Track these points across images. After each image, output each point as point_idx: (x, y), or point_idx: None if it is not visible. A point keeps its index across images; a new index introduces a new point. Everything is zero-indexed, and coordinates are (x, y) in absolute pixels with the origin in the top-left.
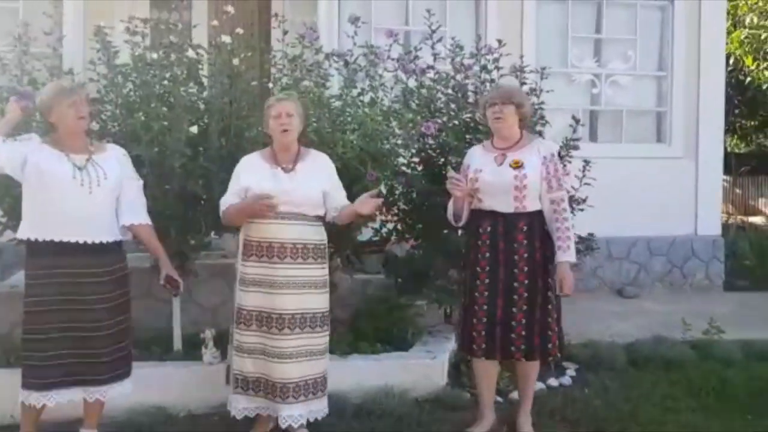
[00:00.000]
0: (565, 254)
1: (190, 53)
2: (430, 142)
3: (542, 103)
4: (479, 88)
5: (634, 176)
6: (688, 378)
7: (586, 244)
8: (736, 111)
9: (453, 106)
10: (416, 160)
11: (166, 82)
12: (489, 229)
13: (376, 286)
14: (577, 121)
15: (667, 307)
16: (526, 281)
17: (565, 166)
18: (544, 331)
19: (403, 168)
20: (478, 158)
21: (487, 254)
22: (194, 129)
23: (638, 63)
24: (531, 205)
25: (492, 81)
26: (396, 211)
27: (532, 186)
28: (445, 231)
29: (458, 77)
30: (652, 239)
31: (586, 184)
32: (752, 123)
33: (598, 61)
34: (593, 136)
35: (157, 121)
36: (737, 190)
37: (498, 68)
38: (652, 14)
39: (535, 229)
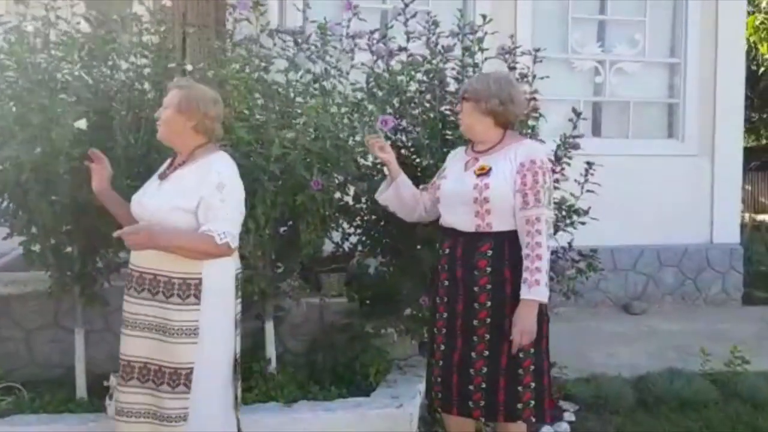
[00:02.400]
0: (530, 291)
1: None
2: (403, 138)
3: (535, 92)
4: (462, 74)
5: (642, 176)
6: (709, 424)
7: (587, 262)
8: (746, 103)
9: (429, 96)
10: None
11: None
12: (447, 251)
13: (337, 312)
14: (578, 114)
15: (680, 326)
16: (488, 320)
17: (563, 169)
18: (512, 385)
19: (368, 171)
20: (452, 162)
21: (446, 282)
22: (82, 123)
23: (647, 48)
24: (498, 224)
25: (476, 66)
26: (359, 221)
27: (497, 199)
28: (418, 247)
29: (435, 61)
30: (662, 248)
31: (588, 191)
32: (764, 116)
33: (602, 46)
34: (596, 131)
35: (40, 114)
36: (747, 187)
37: (482, 50)
38: None
39: (503, 255)
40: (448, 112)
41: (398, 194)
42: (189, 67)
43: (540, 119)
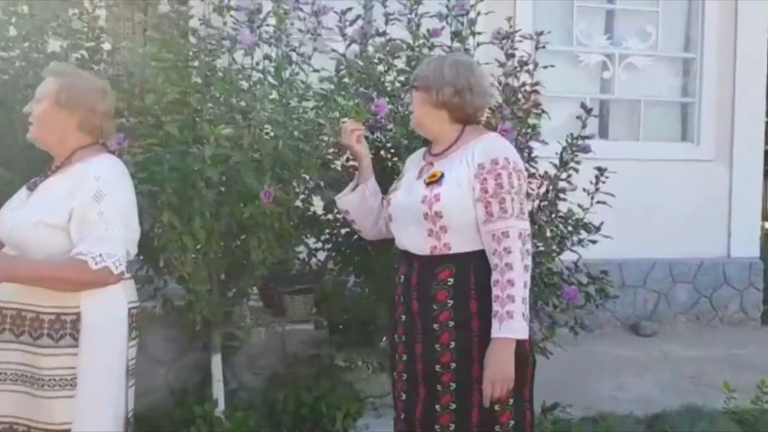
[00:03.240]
0: (502, 327)
1: None
2: (381, 137)
3: (537, 84)
4: None
5: (653, 183)
6: None
7: (597, 286)
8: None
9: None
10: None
11: None
12: (402, 278)
13: (302, 341)
14: (588, 111)
15: (695, 351)
16: (453, 364)
17: (569, 176)
18: None
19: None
20: (408, 169)
21: (403, 317)
22: None
23: (660, 41)
24: (459, 244)
25: (467, 50)
26: (329, 235)
27: (452, 213)
28: (396, 266)
29: (417, 44)
30: (675, 262)
31: (600, 202)
32: None
33: (611, 39)
34: (603, 132)
35: None
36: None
37: (475, 34)
38: None
39: (467, 283)
40: None
41: (363, 201)
42: (107, 46)
43: (542, 117)
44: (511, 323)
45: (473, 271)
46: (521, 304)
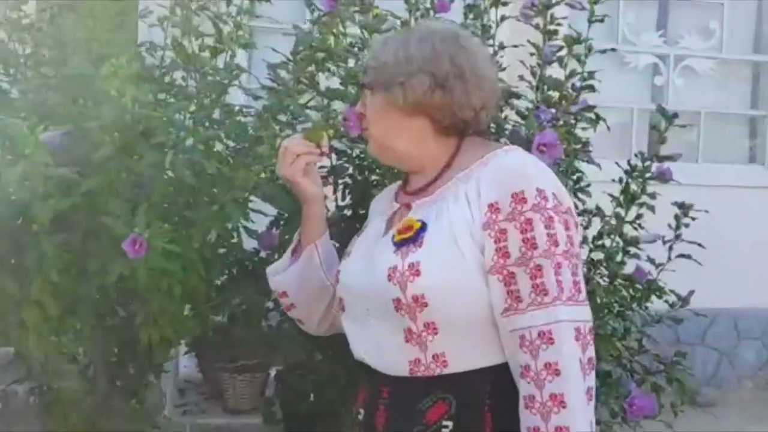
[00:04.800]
0: None
1: None
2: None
3: (590, 77)
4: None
5: (714, 215)
6: None
7: (675, 378)
8: None
9: None
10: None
11: None
12: (360, 414)
13: None
14: (671, 117)
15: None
16: None
17: (639, 217)
18: None
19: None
20: (371, 217)
21: None
22: None
23: (725, 41)
24: (463, 356)
25: (486, 31)
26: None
27: (442, 298)
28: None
29: (412, 18)
30: (741, 313)
31: (682, 256)
32: None
33: (664, 36)
34: (653, 151)
35: None
36: None
37: (499, 3)
38: None
39: (477, 428)
40: None
41: (310, 275)
42: None
43: (598, 124)
44: None
45: (490, 407)
46: None
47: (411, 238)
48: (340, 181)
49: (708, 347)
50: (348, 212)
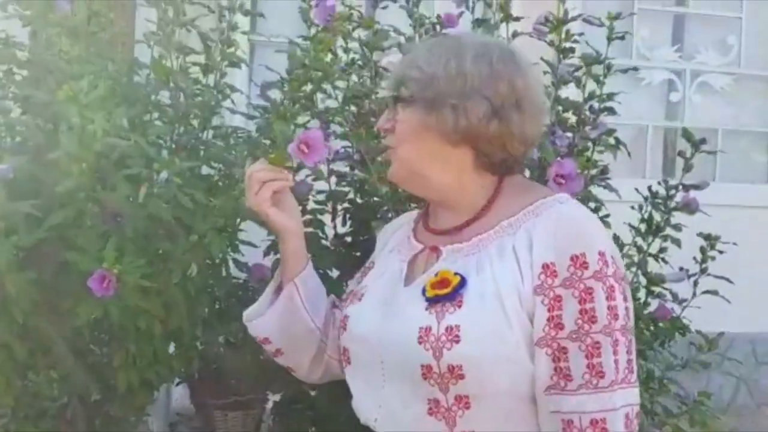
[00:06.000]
0: None
1: None
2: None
3: (608, 98)
4: None
5: (731, 236)
6: None
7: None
8: None
9: None
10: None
11: None
12: None
13: None
14: (698, 143)
15: None
16: None
17: (663, 251)
18: None
19: None
20: (386, 252)
21: None
22: None
23: (744, 56)
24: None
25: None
26: None
27: (483, 371)
28: None
29: (416, 35)
30: (759, 338)
31: (708, 292)
32: None
33: (680, 51)
34: (668, 170)
35: None
36: None
37: (509, 19)
38: None
39: None
40: None
41: (293, 317)
42: None
43: (618, 150)
44: None
45: None
46: None
47: (448, 295)
48: (339, 207)
49: (724, 372)
50: (348, 239)
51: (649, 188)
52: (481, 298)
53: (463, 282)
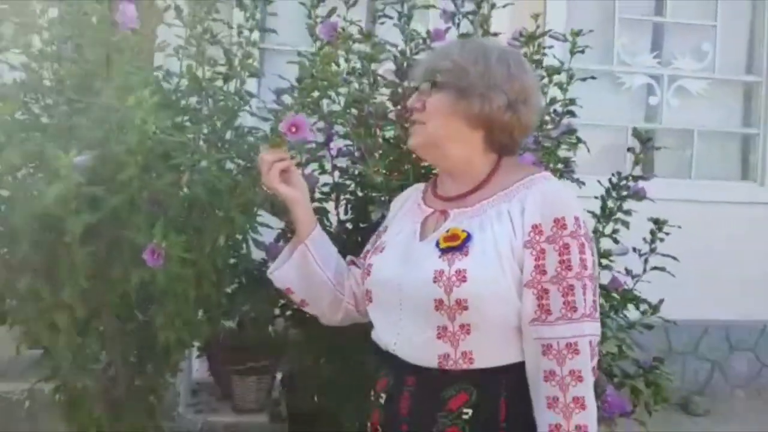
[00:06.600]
0: None
1: None
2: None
3: (572, 103)
4: None
5: (706, 230)
6: None
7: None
8: None
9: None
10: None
11: None
12: (383, 399)
13: None
14: (646, 141)
15: None
16: None
17: (615, 232)
18: None
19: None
20: (398, 216)
21: None
22: None
23: (718, 62)
24: (488, 354)
25: None
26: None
27: (483, 305)
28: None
29: (407, 48)
30: (733, 325)
31: (657, 268)
32: None
33: (659, 57)
34: (648, 167)
35: None
36: None
37: (488, 34)
38: None
39: (495, 420)
40: None
41: (308, 270)
42: None
43: (576, 147)
44: None
45: (506, 399)
46: None
47: (457, 246)
48: (341, 197)
49: (700, 358)
50: (349, 225)
51: (610, 180)
52: (483, 249)
53: (469, 237)
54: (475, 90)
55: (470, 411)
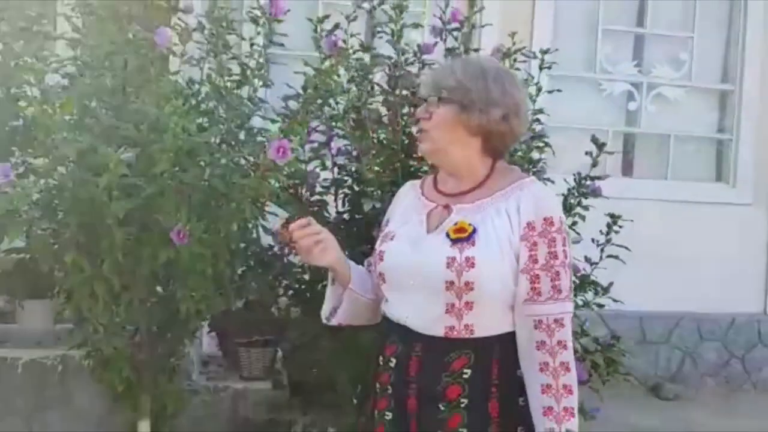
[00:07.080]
0: None
1: None
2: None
3: (539, 112)
4: None
5: (681, 228)
6: None
7: (607, 356)
8: None
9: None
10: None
11: None
12: (393, 362)
13: (258, 402)
14: (601, 145)
15: (725, 421)
16: None
17: (574, 224)
18: None
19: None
20: (401, 209)
21: (388, 415)
22: None
23: (694, 71)
24: (486, 325)
25: None
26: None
27: (486, 286)
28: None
29: (400, 59)
30: (704, 318)
31: (611, 257)
32: None
33: (639, 66)
34: (627, 169)
35: None
36: None
37: (470, 51)
38: (717, 4)
39: (488, 378)
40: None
41: (357, 303)
42: None
43: (543, 151)
44: None
45: (498, 360)
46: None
47: (466, 237)
48: (340, 191)
49: (673, 347)
50: (346, 216)
51: (575, 178)
52: (487, 241)
53: (475, 230)
54: (475, 105)
55: (469, 371)
